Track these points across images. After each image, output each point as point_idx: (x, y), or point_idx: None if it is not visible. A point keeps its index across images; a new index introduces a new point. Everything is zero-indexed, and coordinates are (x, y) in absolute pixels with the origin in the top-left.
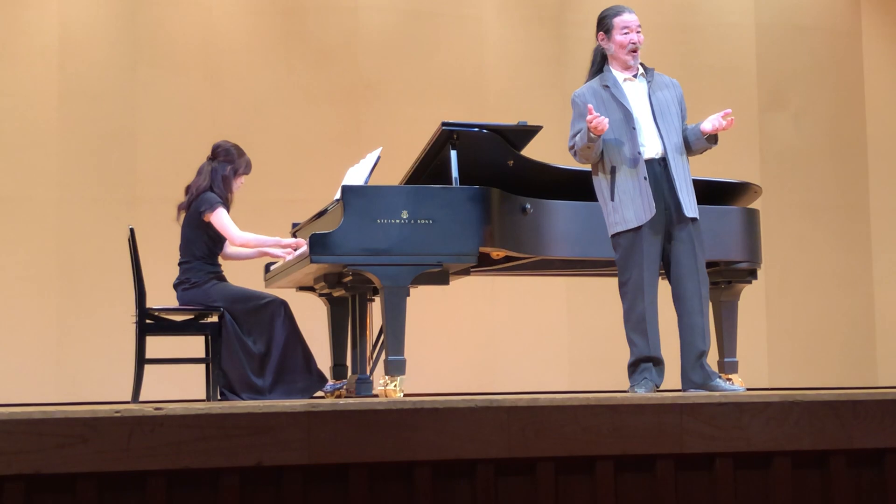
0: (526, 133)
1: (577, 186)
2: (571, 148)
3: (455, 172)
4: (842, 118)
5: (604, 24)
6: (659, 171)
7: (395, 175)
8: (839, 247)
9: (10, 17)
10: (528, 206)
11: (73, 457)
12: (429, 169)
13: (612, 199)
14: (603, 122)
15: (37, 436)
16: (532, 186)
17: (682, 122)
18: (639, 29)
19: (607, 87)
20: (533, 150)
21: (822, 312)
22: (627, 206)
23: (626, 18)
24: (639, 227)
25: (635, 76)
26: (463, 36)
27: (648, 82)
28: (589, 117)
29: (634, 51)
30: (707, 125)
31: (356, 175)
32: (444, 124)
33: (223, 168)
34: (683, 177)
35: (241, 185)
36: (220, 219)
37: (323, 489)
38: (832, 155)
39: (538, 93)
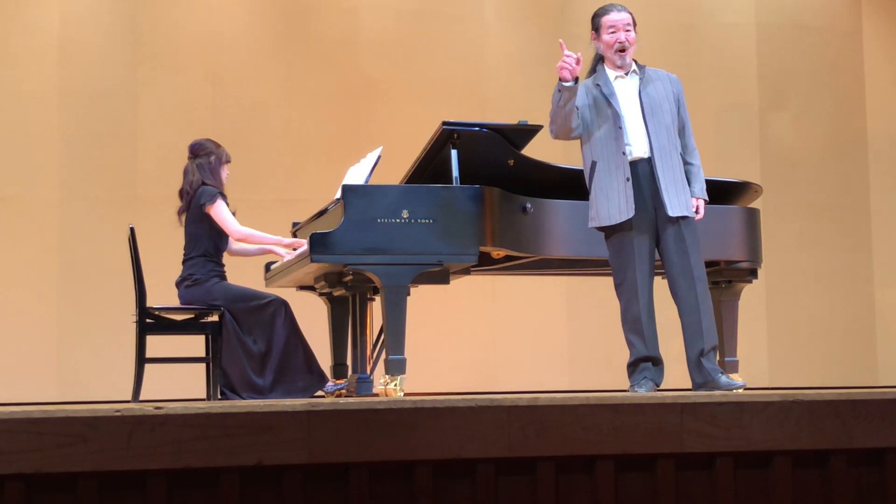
0: (526, 132)
1: (577, 186)
2: (552, 124)
3: (455, 172)
4: (842, 118)
5: (593, 23)
6: (645, 171)
7: (395, 174)
8: (839, 247)
9: (10, 17)
10: (529, 205)
11: (74, 456)
12: (429, 168)
13: (591, 194)
14: (572, 60)
15: (37, 435)
16: (532, 186)
17: (681, 120)
18: (627, 28)
19: (598, 85)
20: (533, 150)
21: (822, 312)
22: (602, 203)
23: (613, 18)
24: (628, 229)
25: (627, 74)
26: (463, 36)
27: (640, 79)
28: (564, 59)
29: (622, 50)
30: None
31: (356, 174)
32: (444, 124)
33: (206, 161)
34: (671, 176)
35: (227, 176)
36: (220, 212)
37: (323, 489)
38: (832, 155)
39: (538, 93)
